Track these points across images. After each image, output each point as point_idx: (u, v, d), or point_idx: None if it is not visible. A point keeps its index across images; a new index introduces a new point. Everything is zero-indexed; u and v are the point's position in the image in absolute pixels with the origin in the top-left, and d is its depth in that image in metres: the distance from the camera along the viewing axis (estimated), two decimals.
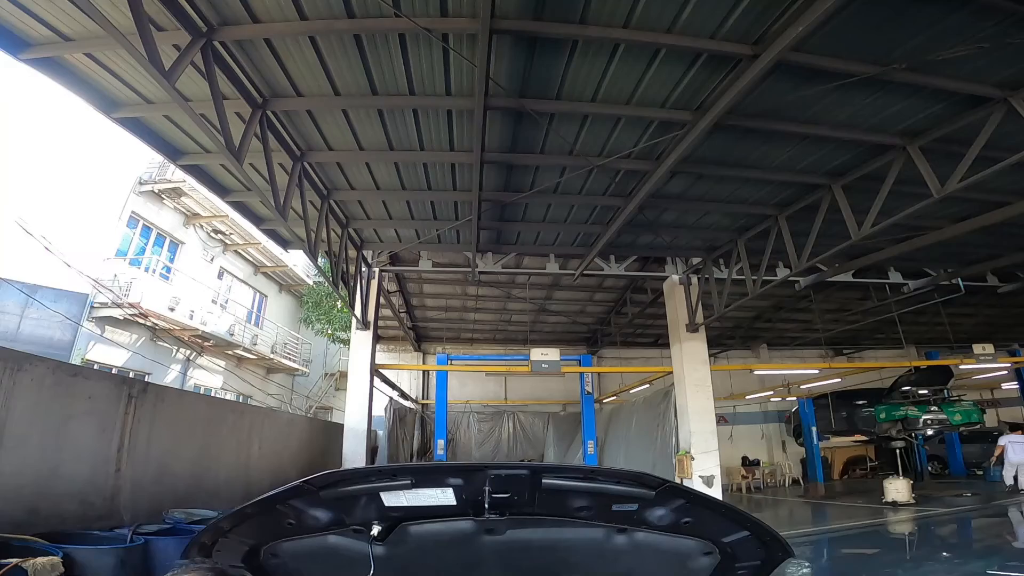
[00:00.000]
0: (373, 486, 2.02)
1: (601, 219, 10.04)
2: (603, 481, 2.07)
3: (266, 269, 22.90)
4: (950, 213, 9.53)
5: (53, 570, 3.81)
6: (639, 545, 2.41)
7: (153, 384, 7.10)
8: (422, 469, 2.07)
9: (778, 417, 22.51)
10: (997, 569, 7.08)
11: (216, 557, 2.30)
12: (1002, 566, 7.32)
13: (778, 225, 9.63)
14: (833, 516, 12.84)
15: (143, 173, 16.70)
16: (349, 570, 2.22)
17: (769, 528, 2.23)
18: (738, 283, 11.08)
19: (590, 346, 20.85)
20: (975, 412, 16.01)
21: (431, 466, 2.08)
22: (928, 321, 17.67)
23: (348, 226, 10.26)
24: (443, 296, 16.19)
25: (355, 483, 2.03)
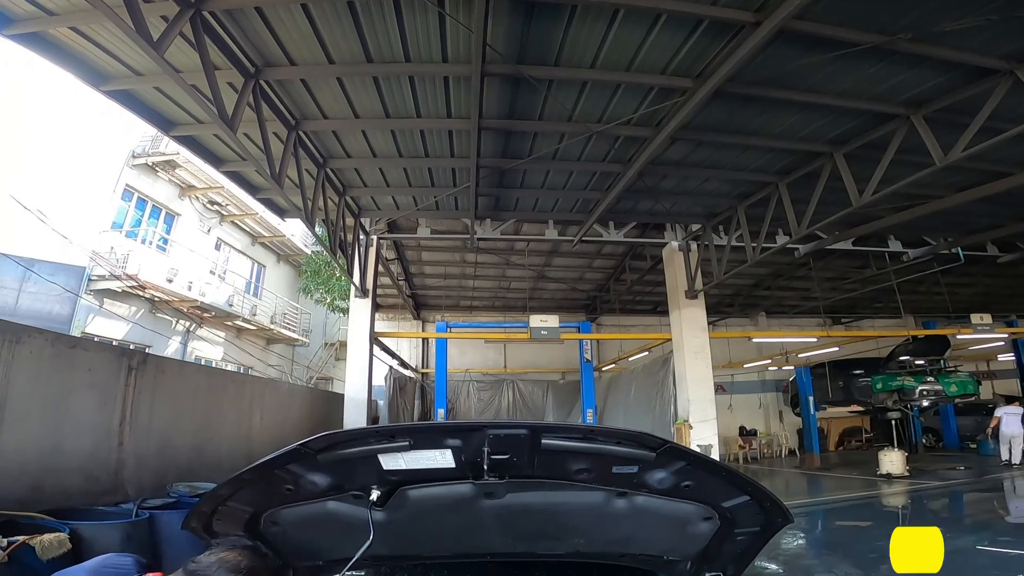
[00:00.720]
0: (371, 448, 1.98)
1: (600, 185, 9.96)
2: (603, 442, 2.03)
3: (264, 239, 22.76)
4: (952, 182, 9.47)
5: (60, 546, 3.83)
6: (639, 509, 2.39)
7: (153, 355, 7.03)
8: (420, 429, 2.05)
9: (775, 386, 22.59)
10: (988, 544, 7.15)
11: (216, 526, 2.30)
12: (993, 541, 7.41)
13: (778, 192, 9.56)
14: (828, 487, 12.98)
15: (136, 146, 16.50)
16: (349, 536, 2.22)
17: (769, 493, 2.21)
18: (737, 250, 11.05)
19: (589, 313, 20.86)
20: (970, 383, 16.07)
21: (429, 426, 2.05)
22: (927, 291, 17.68)
23: (345, 194, 10.17)
24: (442, 263, 16.17)
25: (352, 445, 1.99)
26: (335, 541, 2.39)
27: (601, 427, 2.05)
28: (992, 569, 6.10)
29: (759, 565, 6.42)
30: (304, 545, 2.50)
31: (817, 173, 8.80)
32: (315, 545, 2.52)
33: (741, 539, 2.45)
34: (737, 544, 2.48)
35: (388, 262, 14.47)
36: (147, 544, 4.70)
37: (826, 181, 8.66)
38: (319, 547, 2.52)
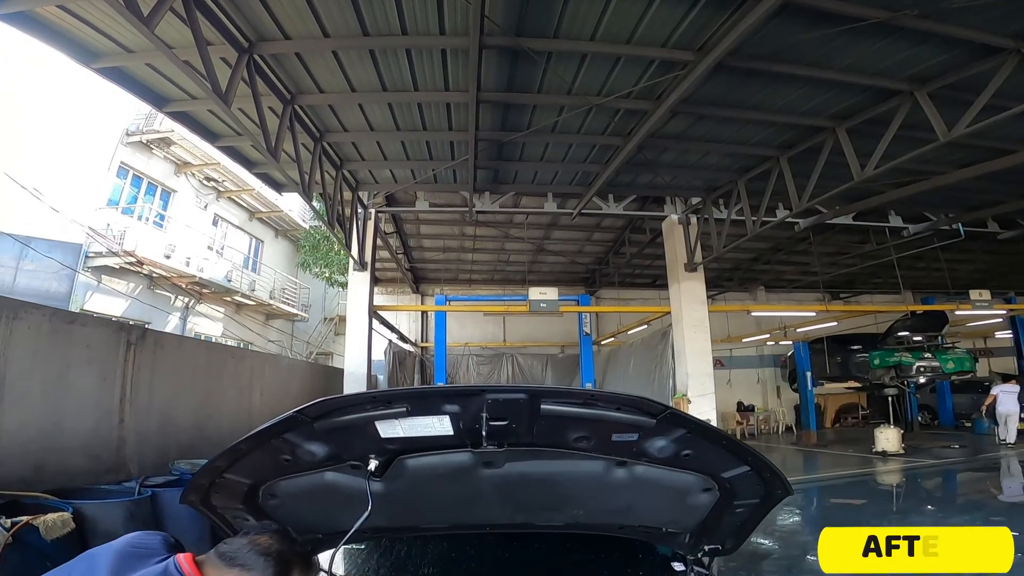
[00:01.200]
0: (368, 415, 1.95)
1: (600, 158, 9.87)
2: (603, 407, 1.99)
3: (261, 215, 22.66)
4: (954, 159, 9.39)
5: (64, 526, 3.82)
6: (638, 479, 2.36)
7: (152, 330, 6.95)
8: (417, 394, 2.04)
9: (773, 361, 22.62)
10: (981, 524, 7.22)
11: (214, 499, 2.28)
12: (985, 521, 7.47)
13: (779, 166, 9.47)
14: (824, 464, 13.08)
15: (130, 124, 16.38)
16: (348, 507, 2.19)
17: (769, 463, 2.20)
18: (737, 224, 11.01)
19: (588, 287, 20.83)
20: (967, 360, 16.08)
21: (426, 391, 2.02)
22: (926, 267, 17.62)
23: (342, 168, 10.08)
24: (441, 237, 16.12)
25: (349, 412, 1.96)
26: (334, 513, 2.37)
27: (601, 392, 2.01)
28: None
29: (754, 541, 6.50)
30: (303, 518, 2.48)
31: (819, 148, 8.71)
32: (314, 517, 2.50)
33: (740, 511, 2.44)
34: (736, 516, 2.48)
35: (387, 235, 14.42)
36: (150, 522, 4.69)
37: (827, 156, 8.58)
38: (318, 519, 2.51)
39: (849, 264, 17.50)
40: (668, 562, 3.00)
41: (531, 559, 3.12)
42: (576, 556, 3.11)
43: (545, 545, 3.16)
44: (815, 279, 17.61)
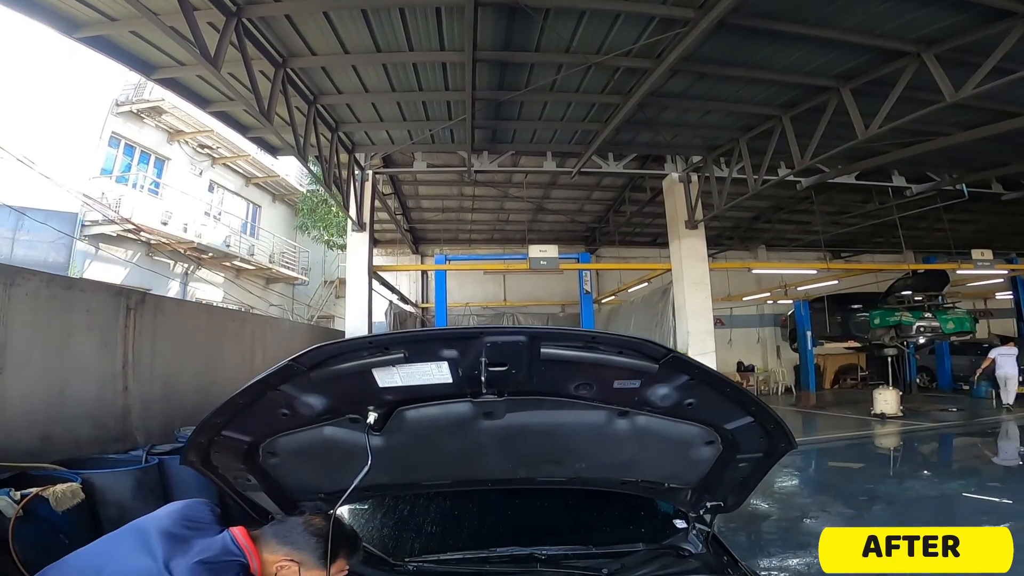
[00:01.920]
0: (365, 362, 1.91)
1: (599, 117, 9.70)
2: (604, 351, 1.95)
3: (257, 180, 22.59)
4: (960, 120, 9.22)
5: (74, 497, 3.80)
6: (641, 430, 2.35)
7: (151, 294, 6.85)
8: (415, 338, 1.97)
9: (774, 321, 22.58)
10: (975, 490, 7.31)
11: (215, 459, 2.27)
12: (981, 487, 7.56)
13: (782, 125, 9.31)
14: (823, 426, 13.13)
15: (119, 95, 16.25)
16: (348, 464, 2.15)
17: (773, 414, 2.17)
18: (739, 182, 10.91)
19: (588, 245, 20.76)
20: (967, 320, 16.04)
21: (424, 334, 1.95)
22: (928, 227, 17.51)
23: (338, 130, 9.94)
24: (439, 197, 16.02)
25: (346, 359, 1.91)
26: (334, 470, 2.33)
27: (602, 333, 1.95)
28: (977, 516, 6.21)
29: (753, 503, 6.62)
30: (304, 476, 2.48)
31: (822, 108, 8.55)
32: (315, 476, 2.48)
33: (743, 465, 2.44)
34: (739, 471, 2.47)
35: (385, 197, 14.33)
36: (157, 490, 4.72)
37: (831, 116, 8.43)
38: (319, 478, 2.49)
39: (850, 223, 17.34)
40: (670, 519, 3.02)
41: (533, 518, 3.12)
42: (578, 514, 3.13)
43: (547, 503, 3.17)
44: (816, 238, 17.48)
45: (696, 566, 2.56)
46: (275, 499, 2.52)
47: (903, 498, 6.95)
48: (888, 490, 7.40)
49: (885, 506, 6.64)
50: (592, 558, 2.64)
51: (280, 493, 2.52)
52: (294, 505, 2.58)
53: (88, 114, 15.28)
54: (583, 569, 2.51)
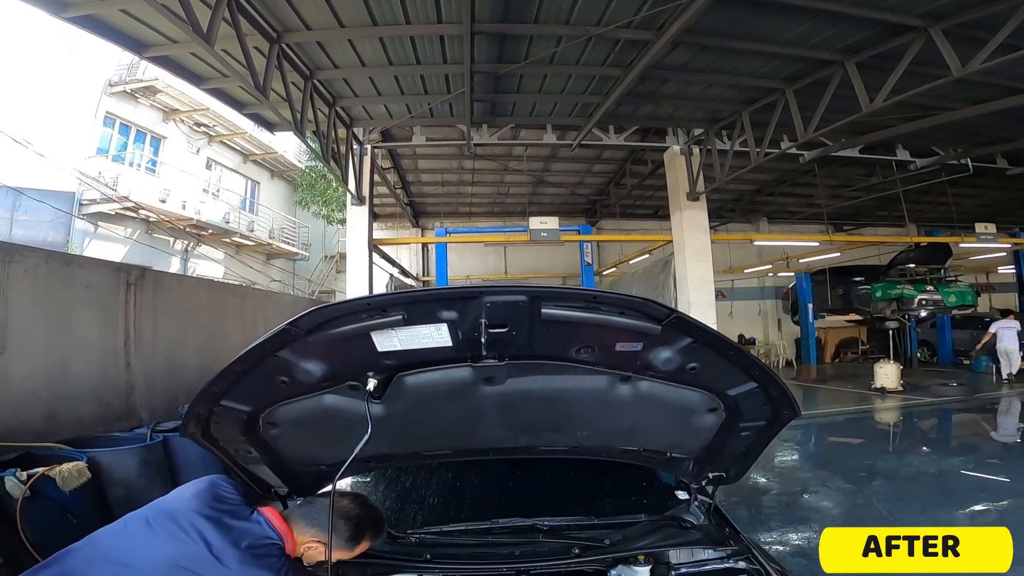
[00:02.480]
0: (363, 325, 1.87)
1: (599, 90, 9.57)
2: (606, 311, 1.90)
3: (255, 157, 22.54)
4: (966, 96, 9.09)
5: (80, 476, 3.79)
6: (643, 397, 2.33)
7: (151, 270, 6.68)
8: (413, 299, 1.91)
9: (775, 293, 22.51)
10: (973, 467, 7.35)
11: (215, 431, 2.25)
12: (979, 464, 7.61)
13: (785, 99, 9.20)
14: (823, 400, 13.11)
15: (112, 75, 16.15)
16: (349, 434, 2.14)
17: (777, 379, 2.13)
18: (741, 155, 10.83)
19: (589, 217, 20.68)
20: (970, 294, 15.95)
21: (423, 294, 1.91)
22: (931, 201, 17.38)
23: (335, 105, 9.83)
24: (439, 171, 15.91)
25: (344, 322, 1.88)
26: (335, 441, 2.32)
27: (604, 293, 1.91)
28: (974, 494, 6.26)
29: (752, 478, 6.69)
30: (304, 447, 2.47)
31: (826, 81, 8.44)
32: (315, 447, 2.47)
33: (746, 435, 2.42)
34: (741, 440, 2.46)
35: (384, 171, 14.25)
36: (163, 467, 4.72)
37: (835, 89, 8.32)
38: (320, 449, 2.48)
39: (853, 197, 17.19)
40: (672, 491, 3.06)
41: (535, 489, 3.15)
42: (580, 486, 3.15)
43: (549, 474, 3.20)
44: (818, 211, 17.38)
45: (698, 537, 2.58)
46: (277, 472, 2.51)
47: (902, 474, 7.01)
48: (887, 466, 7.45)
49: (884, 481, 6.70)
50: (594, 529, 2.66)
51: (281, 465, 2.51)
52: (296, 477, 2.58)
53: (81, 94, 15.23)
54: (585, 540, 2.52)
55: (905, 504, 5.71)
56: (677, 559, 2.55)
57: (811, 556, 4.60)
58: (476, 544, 2.59)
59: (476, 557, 2.48)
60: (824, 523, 5.46)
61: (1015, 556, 1.89)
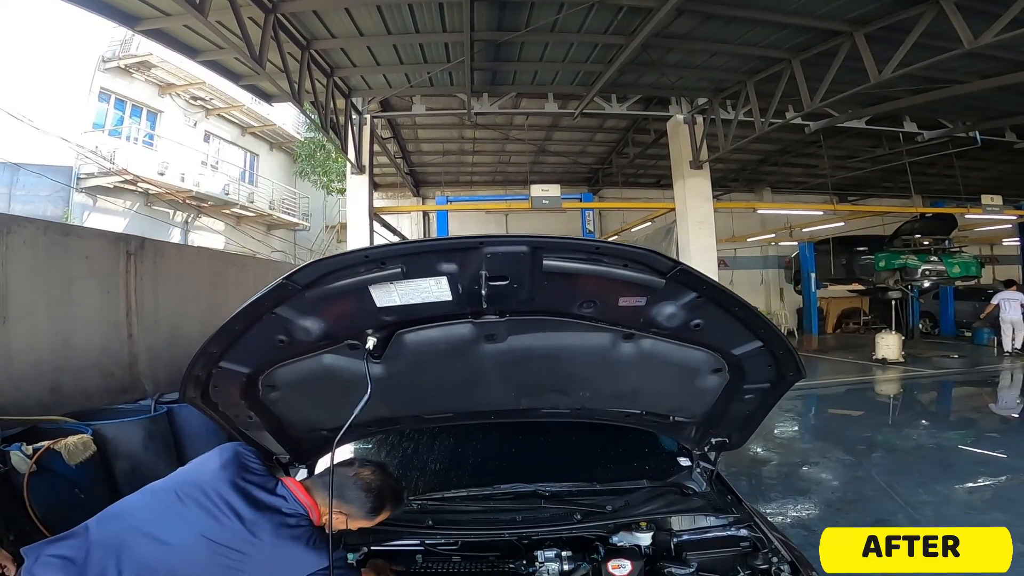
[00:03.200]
0: (361, 279, 1.82)
1: (602, 58, 9.43)
2: (609, 263, 1.84)
3: (254, 130, 22.52)
4: (977, 69, 8.94)
5: (86, 449, 3.78)
6: (646, 355, 2.29)
7: (150, 240, 6.63)
8: (412, 251, 1.85)
9: (778, 263, 22.35)
10: (972, 442, 7.36)
11: (214, 394, 2.23)
12: (978, 438, 7.64)
13: (791, 69, 9.06)
14: (824, 371, 13.08)
15: (105, 51, 16.05)
16: (348, 396, 2.08)
17: (783, 338, 2.11)
18: (745, 125, 10.72)
19: (591, 186, 20.50)
20: (973, 265, 15.77)
21: (422, 246, 1.90)
22: (938, 173, 17.14)
23: (333, 75, 9.71)
24: (440, 140, 15.78)
25: (341, 276, 1.83)
26: (335, 405, 2.26)
27: (607, 243, 1.88)
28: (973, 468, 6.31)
29: (752, 449, 6.74)
30: (305, 411, 2.46)
31: (834, 52, 8.30)
32: (316, 410, 2.46)
33: (749, 397, 2.40)
34: (745, 404, 2.45)
35: (384, 141, 14.14)
36: (168, 438, 4.73)
37: (843, 61, 8.18)
38: (320, 412, 2.46)
39: (859, 168, 16.96)
40: (674, 457, 3.06)
41: (537, 455, 3.14)
42: (582, 452, 3.15)
43: (551, 440, 3.20)
44: (822, 181, 17.13)
45: (700, 504, 2.58)
46: (278, 438, 2.50)
47: (902, 447, 7.06)
48: (886, 439, 7.50)
49: (884, 454, 6.75)
50: (596, 495, 2.66)
51: (283, 431, 2.50)
52: (297, 444, 2.57)
53: (75, 70, 15.19)
54: (587, 506, 2.53)
55: (905, 477, 5.75)
56: (679, 526, 2.55)
57: (810, 527, 4.68)
58: (478, 510, 2.59)
59: (478, 523, 2.48)
60: (823, 495, 5.53)
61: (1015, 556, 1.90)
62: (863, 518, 4.83)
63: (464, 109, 11.09)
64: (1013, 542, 1.89)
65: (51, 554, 1.69)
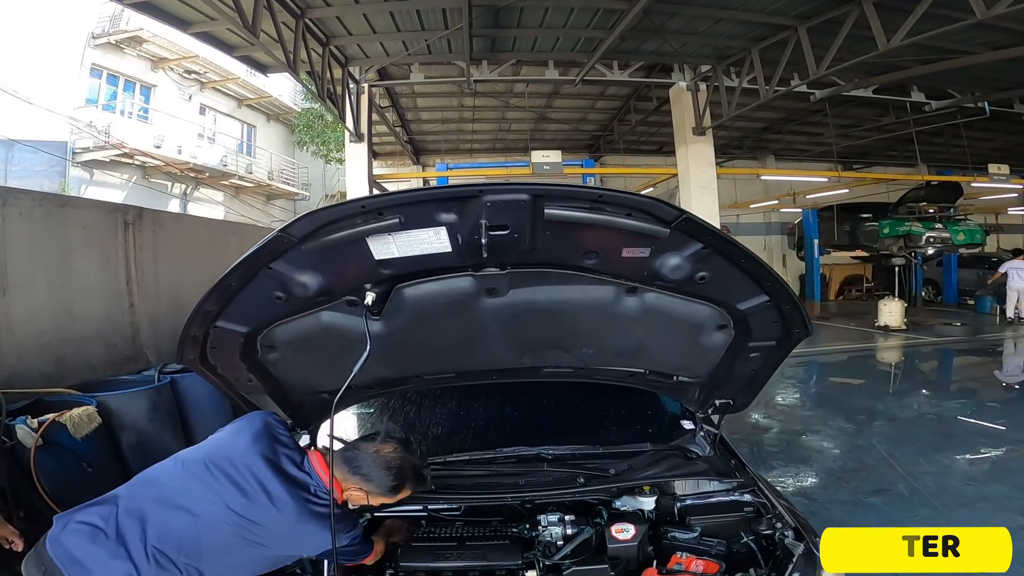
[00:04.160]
0: (358, 230, 1.76)
1: (603, 24, 9.29)
2: (612, 212, 1.78)
3: (250, 101, 22.44)
4: (987, 40, 8.85)
5: (91, 421, 3.71)
6: (650, 310, 2.24)
7: (148, 209, 6.53)
8: (411, 200, 1.78)
9: (780, 229, 22.25)
10: (971, 412, 7.32)
11: (212, 356, 2.20)
12: (979, 408, 7.59)
13: (797, 36, 8.93)
14: (826, 338, 13.00)
15: (94, 27, 15.88)
16: (348, 356, 2.04)
17: (790, 293, 2.04)
18: (748, 93, 10.61)
19: (592, 152, 20.33)
20: (979, 232, 15.58)
21: (421, 195, 1.74)
22: (945, 143, 17.00)
23: (329, 44, 9.62)
24: (439, 109, 15.62)
25: (338, 227, 1.76)
26: (335, 365, 2.20)
27: (610, 191, 1.78)
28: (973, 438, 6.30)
29: (753, 416, 6.77)
30: (304, 374, 2.43)
31: (841, 20, 8.16)
32: (316, 372, 2.42)
33: (755, 355, 2.36)
34: (750, 363, 2.41)
35: (383, 109, 14.02)
36: (172, 408, 4.69)
37: (850, 29, 8.03)
38: (320, 375, 2.43)
39: (864, 136, 16.81)
40: (677, 420, 3.04)
41: (539, 418, 3.14)
42: (585, 415, 3.14)
43: (553, 403, 3.19)
44: (827, 149, 16.94)
45: (704, 468, 2.57)
46: (278, 402, 2.48)
47: (902, 416, 7.07)
48: (887, 408, 7.49)
49: (885, 423, 6.76)
50: (599, 458, 2.65)
51: (283, 394, 2.48)
52: (298, 408, 2.55)
53: (65, 47, 15.12)
54: (590, 469, 2.52)
55: (906, 447, 5.77)
56: (683, 490, 2.56)
57: (811, 496, 4.71)
58: (481, 474, 2.59)
59: (481, 487, 2.47)
60: (825, 464, 5.56)
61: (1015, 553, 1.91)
62: (864, 487, 4.85)
63: (463, 77, 10.95)
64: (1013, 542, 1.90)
65: (79, 520, 1.72)
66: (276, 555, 1.91)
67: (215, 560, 1.78)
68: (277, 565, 1.96)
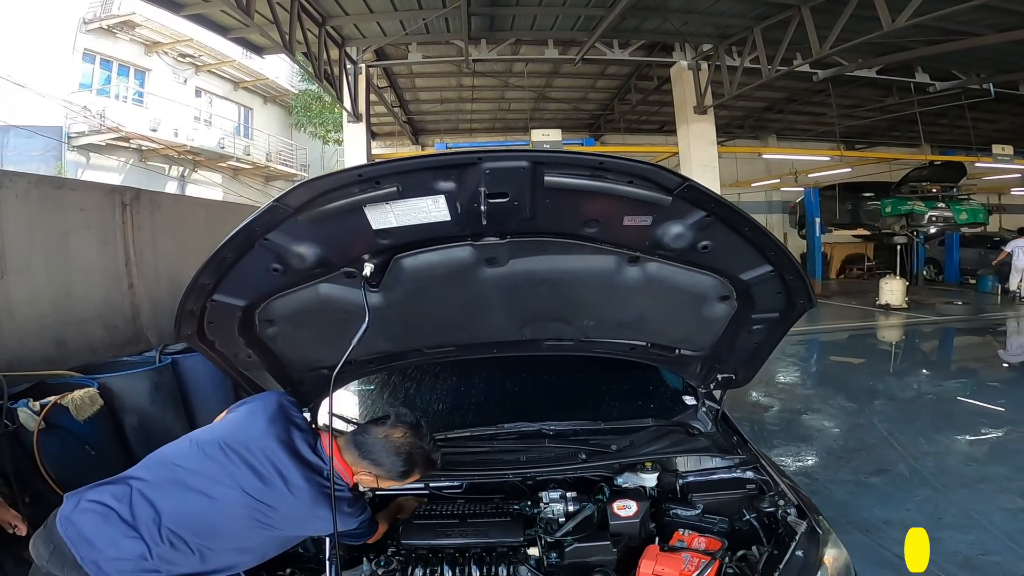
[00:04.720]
0: (355, 199, 1.73)
1: (603, 2, 9.18)
2: (614, 179, 1.75)
3: (246, 84, 22.46)
4: (994, 22, 8.69)
5: (93, 403, 3.71)
6: (652, 281, 2.22)
7: (145, 190, 6.53)
8: (409, 168, 1.74)
9: (782, 208, 22.18)
10: (972, 392, 7.36)
11: (210, 331, 2.18)
12: (979, 388, 7.63)
13: (800, 15, 8.81)
14: (826, 316, 12.98)
15: (86, 13, 15.85)
16: (347, 330, 2.00)
17: (794, 262, 2.02)
18: (750, 72, 10.51)
19: (593, 131, 20.20)
20: (981, 212, 15.51)
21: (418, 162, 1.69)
22: (948, 124, 16.80)
23: (325, 24, 9.50)
24: (437, 89, 15.48)
25: (335, 196, 1.74)
26: (334, 339, 2.15)
27: (611, 158, 1.74)
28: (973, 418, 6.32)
29: (754, 395, 6.79)
30: (303, 348, 2.42)
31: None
32: (314, 347, 2.41)
33: (757, 328, 2.34)
34: (752, 335, 2.39)
35: (381, 90, 13.91)
36: (173, 389, 4.70)
37: (854, 8, 7.93)
38: (318, 349, 2.41)
39: (867, 116, 16.65)
40: (679, 396, 3.04)
41: (540, 394, 3.15)
42: (586, 390, 3.14)
43: (554, 379, 3.20)
44: (829, 129, 16.86)
45: (706, 445, 2.58)
46: (278, 378, 2.47)
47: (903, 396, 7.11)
48: (888, 387, 7.53)
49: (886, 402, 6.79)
50: (600, 434, 2.65)
51: (282, 370, 2.47)
52: (298, 384, 2.54)
53: (57, 32, 15.06)
54: (591, 445, 2.52)
55: (906, 426, 5.79)
56: (685, 467, 2.56)
57: (812, 475, 4.73)
58: (482, 450, 2.59)
59: (482, 464, 2.48)
60: (825, 443, 5.59)
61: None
62: (865, 467, 4.88)
63: (461, 56, 10.83)
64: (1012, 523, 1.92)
65: (92, 499, 1.72)
66: (286, 535, 1.93)
67: (226, 540, 1.80)
68: (285, 546, 1.98)
